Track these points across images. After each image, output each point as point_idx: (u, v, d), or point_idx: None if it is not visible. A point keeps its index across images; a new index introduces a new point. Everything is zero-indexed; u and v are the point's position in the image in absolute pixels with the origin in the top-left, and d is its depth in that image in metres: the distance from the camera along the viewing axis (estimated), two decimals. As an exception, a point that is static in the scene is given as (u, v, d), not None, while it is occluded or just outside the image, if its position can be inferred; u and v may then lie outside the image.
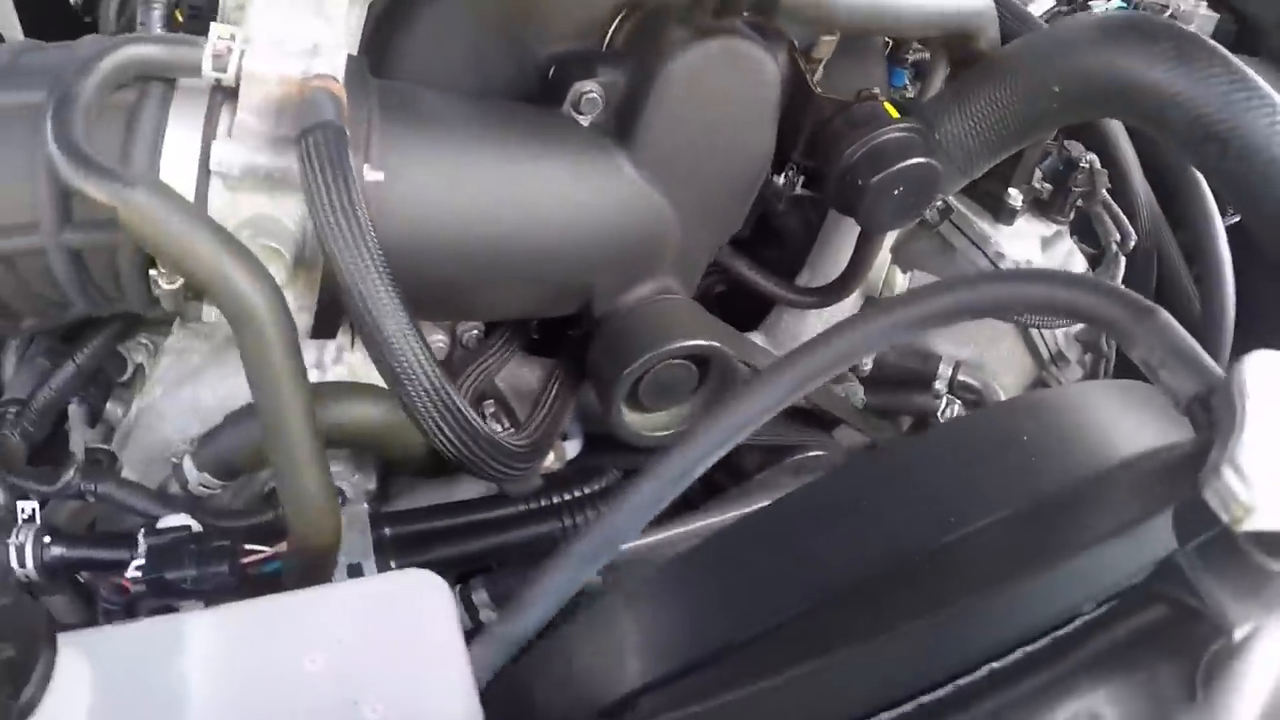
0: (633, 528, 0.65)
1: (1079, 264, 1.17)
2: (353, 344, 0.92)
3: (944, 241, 1.13)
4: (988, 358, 1.15)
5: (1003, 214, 1.12)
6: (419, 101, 0.84)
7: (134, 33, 0.84)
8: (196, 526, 0.86)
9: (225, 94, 0.77)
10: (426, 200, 0.80)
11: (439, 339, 0.97)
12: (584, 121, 0.90)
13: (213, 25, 0.75)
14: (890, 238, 1.08)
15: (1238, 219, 1.23)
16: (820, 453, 1.06)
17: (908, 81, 1.19)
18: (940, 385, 1.11)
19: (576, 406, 0.97)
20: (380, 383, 0.91)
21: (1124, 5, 1.42)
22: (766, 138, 0.93)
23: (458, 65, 0.92)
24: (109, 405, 0.97)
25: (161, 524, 0.86)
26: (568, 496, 0.97)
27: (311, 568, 0.77)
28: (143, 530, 0.85)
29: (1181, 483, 0.85)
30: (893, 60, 1.16)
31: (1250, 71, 0.81)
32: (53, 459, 1.01)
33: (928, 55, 1.13)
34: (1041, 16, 1.30)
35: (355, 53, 0.85)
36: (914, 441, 0.91)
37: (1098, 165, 1.13)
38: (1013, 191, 1.11)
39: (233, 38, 0.74)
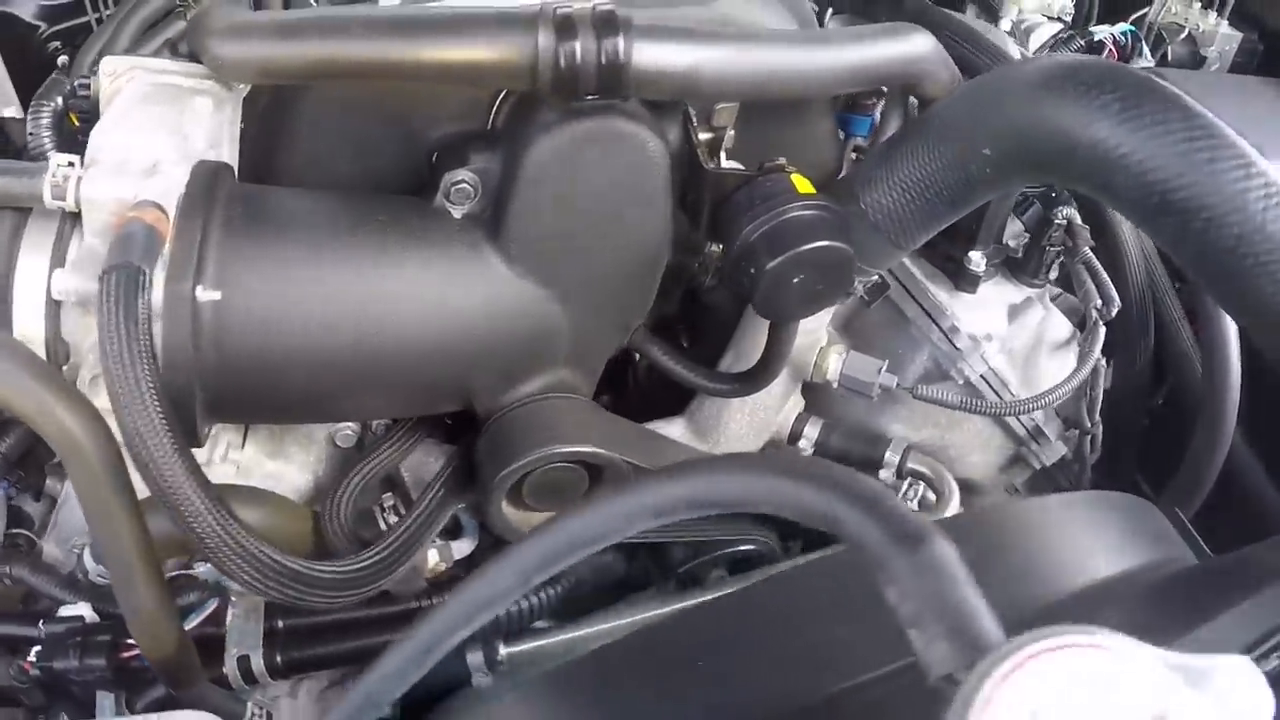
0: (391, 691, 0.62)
1: (1055, 334, 1.04)
2: (243, 443, 0.92)
3: (897, 311, 1.03)
4: (951, 438, 1.04)
5: (963, 280, 1.00)
6: (271, 207, 0.82)
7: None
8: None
9: (74, 219, 0.79)
10: (269, 313, 0.79)
11: (349, 427, 0.96)
12: (457, 213, 0.86)
13: (52, 154, 0.77)
14: (825, 314, 0.98)
15: None
16: (751, 548, 0.99)
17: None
18: (887, 474, 1.00)
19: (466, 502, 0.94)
20: (267, 484, 0.93)
21: (1133, 30, 1.24)
22: (659, 219, 0.86)
23: (343, 158, 0.88)
24: (49, 483, 1.02)
25: (62, 612, 0.91)
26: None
27: (174, 672, 0.79)
28: (43, 619, 0.90)
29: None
30: (854, 109, 1.04)
31: (1220, 122, 0.64)
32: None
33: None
34: (1043, 46, 1.15)
35: (231, 153, 0.85)
36: (798, 575, 0.81)
37: (1077, 220, 0.99)
38: (974, 255, 0.99)
39: (71, 165, 0.76)
